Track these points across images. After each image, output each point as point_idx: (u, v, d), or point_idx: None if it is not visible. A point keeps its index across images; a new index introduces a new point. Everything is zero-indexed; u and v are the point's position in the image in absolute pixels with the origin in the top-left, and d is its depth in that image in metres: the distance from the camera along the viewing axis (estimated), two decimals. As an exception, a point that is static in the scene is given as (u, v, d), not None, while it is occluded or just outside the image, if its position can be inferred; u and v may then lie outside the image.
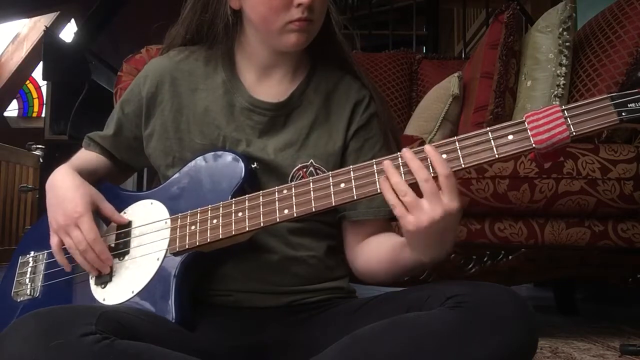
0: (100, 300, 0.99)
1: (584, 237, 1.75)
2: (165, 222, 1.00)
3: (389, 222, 1.06)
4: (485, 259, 1.78)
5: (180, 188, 1.03)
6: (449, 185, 0.81)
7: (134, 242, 1.02)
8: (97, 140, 1.17)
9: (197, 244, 0.94)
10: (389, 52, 2.93)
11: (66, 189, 1.03)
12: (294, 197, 0.90)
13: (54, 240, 1.03)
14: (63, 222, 1.01)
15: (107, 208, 1.04)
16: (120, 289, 0.99)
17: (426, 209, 0.81)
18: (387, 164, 0.84)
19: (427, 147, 0.83)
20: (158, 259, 0.98)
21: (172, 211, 1.01)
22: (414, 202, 0.82)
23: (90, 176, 1.09)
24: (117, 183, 1.17)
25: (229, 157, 1.01)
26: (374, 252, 1.02)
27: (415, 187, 0.83)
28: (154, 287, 0.96)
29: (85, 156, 1.16)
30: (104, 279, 1.01)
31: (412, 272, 0.97)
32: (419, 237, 0.85)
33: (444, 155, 0.82)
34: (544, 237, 1.75)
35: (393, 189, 0.83)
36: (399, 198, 0.82)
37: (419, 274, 0.99)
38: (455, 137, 0.84)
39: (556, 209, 1.73)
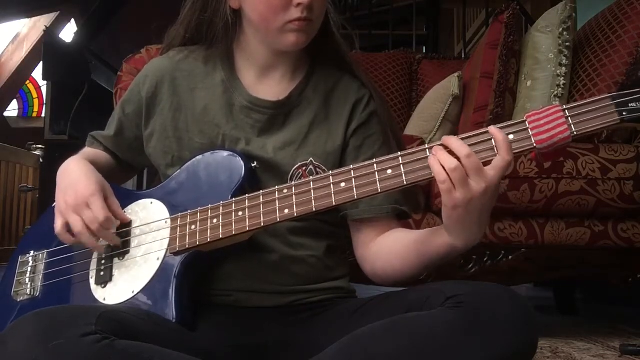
0: (101, 300, 0.99)
1: (584, 237, 1.75)
2: (166, 222, 1.00)
3: (396, 220, 1.06)
4: (485, 259, 1.78)
5: (180, 187, 1.03)
6: (504, 168, 0.81)
7: (134, 242, 1.02)
8: (99, 140, 1.17)
9: (197, 243, 0.94)
10: (389, 52, 2.93)
11: (79, 175, 1.03)
12: (294, 197, 0.90)
13: (59, 222, 1.01)
14: (73, 201, 0.99)
15: (114, 203, 1.03)
16: (121, 288, 0.99)
17: (472, 184, 0.81)
18: (436, 147, 0.84)
19: (493, 129, 0.83)
20: (158, 259, 0.98)
21: (172, 210, 1.01)
22: (462, 176, 0.81)
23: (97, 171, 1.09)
24: (119, 183, 1.17)
25: (228, 156, 1.01)
26: (393, 248, 1.00)
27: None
28: (154, 287, 0.96)
29: (92, 152, 1.16)
30: (104, 278, 1.01)
31: (443, 261, 0.94)
32: (459, 216, 0.84)
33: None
34: (544, 237, 1.75)
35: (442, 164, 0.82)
36: (447, 174, 0.82)
37: (440, 265, 0.96)
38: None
39: (556, 209, 1.73)
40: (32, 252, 1.11)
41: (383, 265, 1.02)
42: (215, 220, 0.94)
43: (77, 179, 1.02)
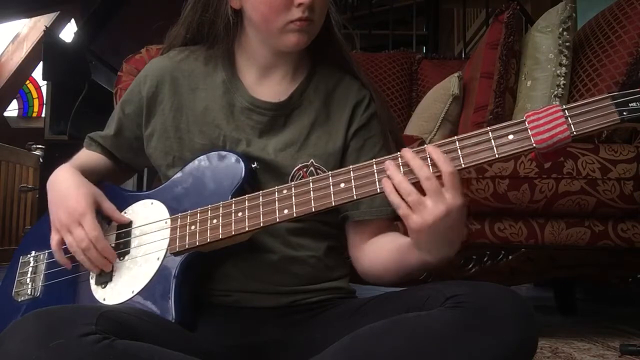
0: (101, 300, 0.99)
1: (584, 237, 1.75)
2: (166, 222, 1.00)
3: (392, 221, 1.06)
4: (485, 259, 1.78)
5: (180, 188, 1.03)
6: (453, 182, 0.81)
7: (134, 242, 1.02)
8: (98, 141, 1.17)
9: (197, 244, 0.94)
10: (389, 52, 2.93)
11: (68, 187, 1.04)
12: (293, 197, 0.90)
13: (54, 238, 1.02)
14: (65, 220, 1.01)
15: (109, 207, 1.04)
16: (121, 288, 0.99)
17: (430, 207, 0.81)
18: (388, 163, 0.85)
19: (429, 147, 0.83)
20: (158, 259, 0.98)
21: (172, 211, 1.01)
22: (417, 200, 0.82)
23: (91, 175, 1.10)
24: (117, 183, 1.17)
25: (229, 157, 1.01)
26: (378, 253, 1.02)
27: (417, 186, 0.83)
28: (154, 287, 0.96)
29: (87, 155, 1.16)
30: (105, 278, 1.01)
31: (418, 272, 0.96)
32: (424, 237, 0.85)
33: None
34: (544, 237, 1.75)
35: (396, 189, 0.83)
36: (402, 198, 0.82)
37: (418, 275, 0.97)
38: (456, 137, 0.84)
39: (556, 209, 1.73)
40: (33, 252, 1.12)
41: (370, 266, 1.04)
42: (215, 221, 0.94)
43: (66, 192, 1.03)
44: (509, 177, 1.70)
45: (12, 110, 6.93)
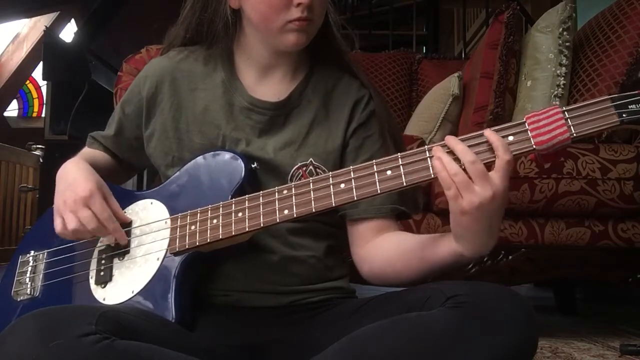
0: (100, 300, 0.99)
1: (584, 237, 1.75)
2: (165, 222, 1.00)
3: (395, 220, 1.05)
4: (485, 259, 1.78)
5: (180, 188, 1.03)
6: (507, 169, 0.81)
7: (134, 242, 1.02)
8: (99, 140, 1.17)
9: (197, 244, 0.94)
10: (389, 52, 2.93)
11: (79, 175, 1.03)
12: (294, 198, 0.90)
13: (57, 222, 1.01)
14: (72, 201, 0.99)
15: (114, 203, 1.03)
16: (120, 288, 0.99)
17: (477, 190, 0.81)
18: (436, 147, 0.84)
19: (487, 132, 0.83)
20: (158, 259, 0.98)
21: (172, 211, 1.01)
22: (465, 182, 0.81)
23: (96, 171, 1.09)
24: (119, 182, 1.17)
25: (229, 156, 1.01)
26: (395, 251, 0.99)
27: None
28: (154, 287, 0.96)
29: (91, 153, 1.17)
30: (104, 278, 1.01)
31: (448, 269, 0.93)
32: (467, 221, 0.84)
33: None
34: (544, 237, 1.75)
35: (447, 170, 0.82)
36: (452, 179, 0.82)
37: (440, 274, 0.94)
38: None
39: (556, 209, 1.73)
40: (32, 252, 1.11)
41: (382, 266, 1.01)
42: (215, 221, 0.94)
43: (74, 180, 1.02)
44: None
45: (12, 110, 6.92)
